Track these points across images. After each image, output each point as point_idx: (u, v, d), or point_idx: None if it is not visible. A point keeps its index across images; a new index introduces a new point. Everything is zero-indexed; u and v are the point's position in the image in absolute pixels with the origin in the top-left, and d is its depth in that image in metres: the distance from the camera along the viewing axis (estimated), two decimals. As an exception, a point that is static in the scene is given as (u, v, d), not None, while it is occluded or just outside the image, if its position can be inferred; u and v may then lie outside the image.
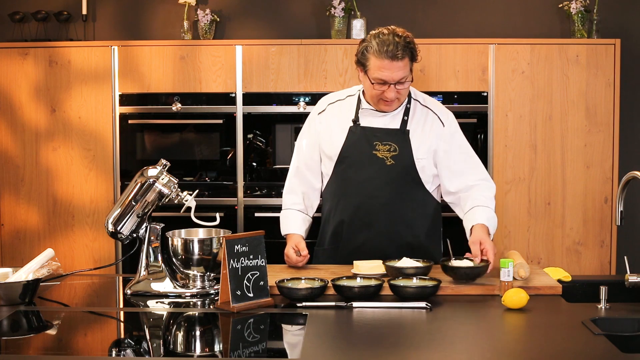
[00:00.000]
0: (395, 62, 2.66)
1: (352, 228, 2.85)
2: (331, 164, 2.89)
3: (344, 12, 4.33)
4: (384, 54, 2.65)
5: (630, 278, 2.39)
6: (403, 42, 2.66)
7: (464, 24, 4.56)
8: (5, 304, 2.36)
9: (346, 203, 2.85)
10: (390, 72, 2.67)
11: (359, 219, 2.83)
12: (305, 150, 2.96)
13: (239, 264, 2.30)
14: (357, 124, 2.85)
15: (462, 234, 2.77)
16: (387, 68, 2.67)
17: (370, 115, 2.85)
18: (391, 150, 2.80)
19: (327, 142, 2.90)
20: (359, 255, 2.76)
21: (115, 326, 2.30)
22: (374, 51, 2.67)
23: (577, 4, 4.27)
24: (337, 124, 2.89)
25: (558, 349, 1.92)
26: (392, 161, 2.80)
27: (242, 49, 4.23)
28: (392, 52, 2.64)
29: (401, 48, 2.65)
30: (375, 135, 2.82)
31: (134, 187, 2.56)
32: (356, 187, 2.82)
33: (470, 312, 2.28)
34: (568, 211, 4.24)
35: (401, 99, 2.78)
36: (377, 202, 2.81)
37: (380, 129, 2.83)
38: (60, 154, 4.31)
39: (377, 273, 2.57)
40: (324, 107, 2.96)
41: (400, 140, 2.81)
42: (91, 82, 4.28)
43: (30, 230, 4.34)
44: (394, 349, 1.92)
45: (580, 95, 4.21)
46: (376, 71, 2.69)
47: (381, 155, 2.80)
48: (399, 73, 2.68)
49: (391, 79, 2.68)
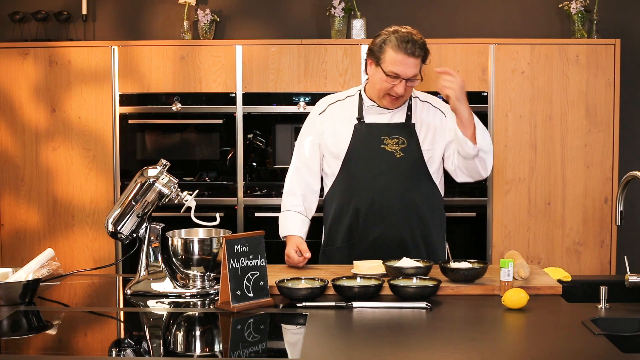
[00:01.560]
0: (411, 58, 2.76)
1: (367, 223, 2.88)
2: (337, 163, 2.91)
3: (344, 12, 4.33)
4: (403, 49, 2.76)
5: (630, 278, 2.39)
6: (420, 42, 2.79)
7: (464, 24, 4.56)
8: (5, 304, 2.36)
9: (360, 198, 2.87)
10: (405, 67, 2.77)
11: (375, 212, 2.87)
12: (305, 151, 2.97)
13: (239, 264, 2.30)
14: (362, 121, 2.90)
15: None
16: (403, 63, 2.76)
17: (375, 113, 2.91)
18: (400, 144, 2.87)
19: (332, 142, 2.92)
20: (374, 250, 2.81)
21: (115, 326, 2.30)
22: (393, 45, 2.77)
23: (577, 4, 4.27)
24: (340, 123, 2.92)
25: (558, 349, 1.92)
26: (401, 153, 2.86)
27: (242, 49, 4.23)
28: (410, 48, 2.76)
29: (419, 47, 2.77)
30: (382, 130, 2.88)
31: (134, 187, 2.56)
32: (369, 182, 2.86)
33: (470, 312, 2.28)
34: (568, 211, 4.24)
35: (405, 97, 2.87)
36: (392, 195, 2.86)
37: (387, 124, 2.89)
38: (60, 154, 4.31)
39: (377, 273, 2.57)
40: (324, 107, 2.99)
41: (408, 133, 2.88)
42: (91, 82, 4.28)
43: (30, 230, 4.34)
44: (394, 349, 1.92)
45: (580, 95, 4.21)
46: (392, 64, 2.77)
47: (390, 149, 2.86)
48: (412, 70, 2.78)
49: (404, 74, 2.77)
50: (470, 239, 4.27)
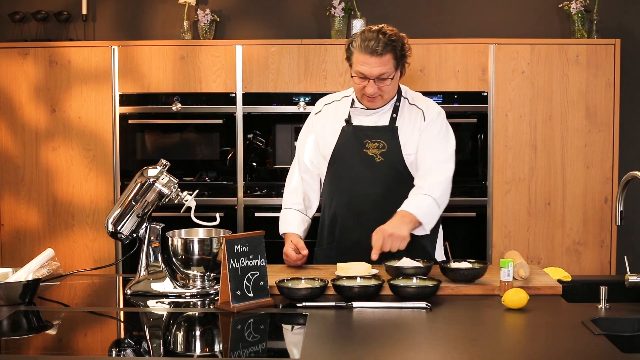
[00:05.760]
0: (374, 57, 2.73)
1: (345, 227, 2.87)
2: (326, 164, 2.92)
3: (344, 12, 4.33)
4: (364, 48, 2.73)
5: (630, 278, 2.39)
6: (386, 39, 2.73)
7: (464, 24, 4.56)
8: (5, 304, 2.36)
9: (338, 202, 2.88)
10: (369, 67, 2.74)
11: (352, 217, 2.85)
12: (304, 150, 2.99)
13: (239, 264, 2.30)
14: (350, 123, 2.89)
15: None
16: (367, 63, 2.74)
17: (361, 114, 2.89)
18: (380, 148, 2.83)
19: (322, 143, 2.94)
20: (357, 253, 2.75)
21: (115, 326, 2.30)
22: (357, 45, 2.76)
23: (577, 4, 4.27)
24: (331, 124, 2.93)
25: (558, 349, 1.92)
26: (381, 158, 2.83)
27: (242, 49, 4.23)
28: (372, 47, 2.72)
29: (382, 44, 2.72)
30: (366, 134, 2.86)
31: (134, 187, 2.56)
32: (348, 185, 2.85)
33: (470, 312, 2.28)
34: (568, 211, 4.24)
35: (384, 96, 2.82)
36: (369, 200, 2.83)
37: (370, 127, 2.87)
38: (60, 154, 4.31)
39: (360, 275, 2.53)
40: (320, 108, 3.01)
41: (389, 137, 2.84)
42: (91, 82, 4.28)
43: (30, 230, 4.34)
44: (394, 349, 1.92)
45: (580, 95, 4.21)
46: (357, 65, 2.76)
47: (371, 153, 2.84)
48: (378, 69, 2.74)
49: (370, 73, 2.75)
50: (470, 239, 4.27)
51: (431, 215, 2.74)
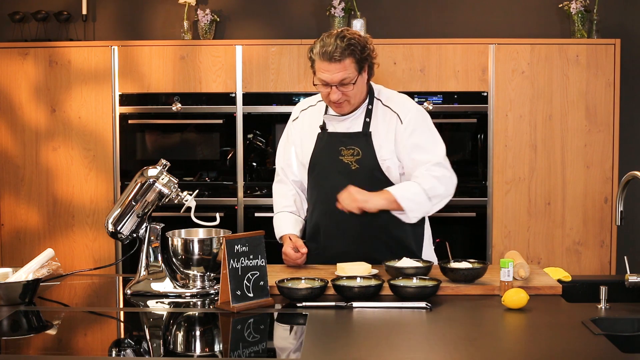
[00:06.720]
0: (333, 63, 2.66)
1: (328, 236, 2.83)
2: (306, 172, 2.89)
3: (344, 12, 4.33)
4: (322, 55, 2.66)
5: (630, 278, 2.39)
6: (344, 44, 2.65)
7: (464, 24, 4.56)
8: (5, 304, 2.36)
9: (319, 211, 2.84)
10: (330, 74, 2.67)
11: (333, 226, 2.81)
12: (283, 159, 2.96)
13: (239, 264, 2.30)
14: (325, 130, 2.83)
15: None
16: (327, 70, 2.67)
17: (335, 120, 2.82)
18: (355, 155, 2.77)
19: (300, 151, 2.89)
20: (342, 261, 2.66)
21: (115, 326, 2.30)
22: (316, 52, 2.69)
23: (577, 4, 4.27)
24: (307, 132, 2.87)
25: (558, 349, 1.92)
26: (356, 165, 2.76)
27: (242, 49, 4.23)
28: (330, 53, 2.65)
29: (340, 49, 2.64)
30: (341, 141, 2.79)
31: (134, 187, 2.56)
32: (327, 194, 2.78)
33: (470, 312, 2.27)
34: (568, 211, 4.24)
35: (351, 100, 2.74)
36: None
37: (344, 134, 2.80)
38: (60, 154, 4.31)
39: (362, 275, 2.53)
40: (297, 114, 2.95)
41: (363, 143, 2.77)
42: (91, 82, 4.28)
43: (30, 230, 4.34)
44: (394, 349, 1.92)
45: (580, 95, 4.21)
46: (319, 72, 2.70)
47: (346, 161, 2.78)
48: (339, 74, 2.67)
49: (332, 80, 2.68)
50: (470, 239, 4.27)
51: (416, 202, 2.68)
